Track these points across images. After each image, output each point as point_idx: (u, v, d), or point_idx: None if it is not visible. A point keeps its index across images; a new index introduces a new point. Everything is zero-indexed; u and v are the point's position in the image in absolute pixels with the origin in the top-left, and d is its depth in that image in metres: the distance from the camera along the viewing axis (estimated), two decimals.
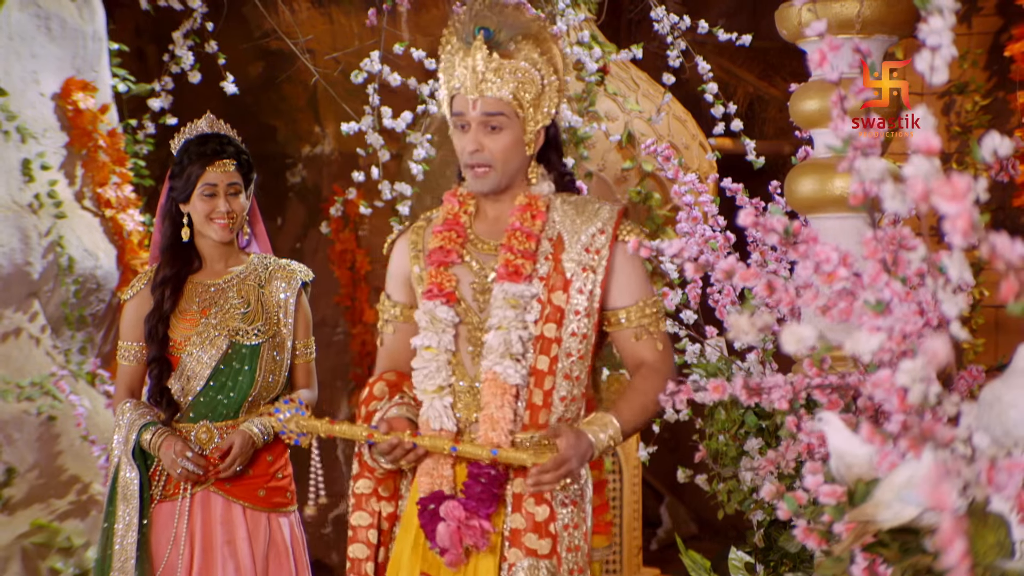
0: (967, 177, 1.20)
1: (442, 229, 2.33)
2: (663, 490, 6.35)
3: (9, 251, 4.36)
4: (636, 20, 5.51)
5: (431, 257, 2.32)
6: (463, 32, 2.25)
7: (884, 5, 2.96)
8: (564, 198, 2.35)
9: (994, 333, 4.69)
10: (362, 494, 2.34)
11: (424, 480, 2.28)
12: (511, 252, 2.27)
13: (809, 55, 1.62)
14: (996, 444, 1.52)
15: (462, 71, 2.25)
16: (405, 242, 2.40)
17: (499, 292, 2.26)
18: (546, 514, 2.25)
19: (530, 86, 2.26)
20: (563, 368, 2.27)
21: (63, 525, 4.27)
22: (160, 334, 2.89)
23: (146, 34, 5.69)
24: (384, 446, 2.22)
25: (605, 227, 2.30)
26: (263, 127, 5.89)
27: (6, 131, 4.41)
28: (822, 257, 1.68)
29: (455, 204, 2.36)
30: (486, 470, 2.24)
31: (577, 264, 2.29)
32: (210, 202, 2.89)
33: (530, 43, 2.26)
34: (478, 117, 2.25)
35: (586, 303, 2.28)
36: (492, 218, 2.35)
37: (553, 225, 2.32)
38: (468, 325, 2.29)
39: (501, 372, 2.23)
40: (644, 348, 2.33)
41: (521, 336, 2.24)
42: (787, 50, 4.42)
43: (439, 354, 2.28)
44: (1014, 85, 4.68)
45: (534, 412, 2.26)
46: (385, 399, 2.32)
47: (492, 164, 2.27)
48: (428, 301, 2.29)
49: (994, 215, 4.69)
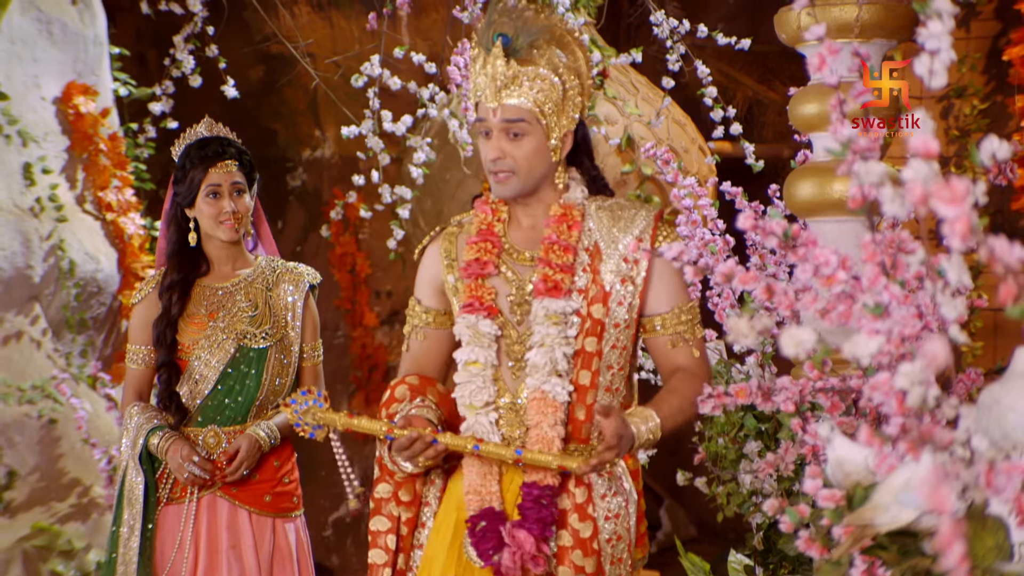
0: (966, 181, 1.19)
1: (477, 240, 2.29)
2: (663, 493, 6.35)
3: (10, 254, 4.37)
4: (635, 24, 5.52)
5: (468, 269, 2.28)
6: (483, 39, 2.23)
7: (883, 9, 2.97)
8: (599, 203, 2.31)
9: (992, 337, 4.70)
10: (381, 498, 2.31)
11: (472, 498, 2.24)
12: (549, 267, 2.24)
13: (808, 59, 1.62)
14: (995, 447, 1.52)
15: (482, 79, 2.23)
16: (437, 249, 2.37)
17: (540, 308, 2.23)
18: (590, 530, 2.23)
19: (551, 92, 2.22)
20: (604, 382, 2.25)
21: (64, 528, 4.27)
22: (168, 339, 2.90)
23: (147, 38, 5.70)
24: (403, 440, 2.18)
25: (643, 235, 2.27)
26: (263, 131, 5.90)
27: (7, 135, 4.42)
28: (821, 260, 1.68)
29: (488, 213, 2.32)
30: (544, 491, 2.21)
31: (616, 275, 2.26)
32: (215, 203, 2.89)
33: (550, 48, 2.23)
34: (499, 124, 2.22)
35: (626, 315, 2.26)
36: (526, 226, 2.31)
37: (590, 234, 2.28)
38: (506, 339, 2.26)
39: (550, 391, 2.21)
40: (680, 355, 2.30)
41: (565, 353, 2.22)
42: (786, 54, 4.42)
43: (484, 369, 2.25)
44: (1012, 89, 4.68)
45: (576, 427, 2.24)
46: (406, 401, 2.28)
47: (515, 170, 2.24)
48: (470, 315, 2.26)
49: (993, 219, 4.69)
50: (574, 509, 2.23)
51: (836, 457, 1.58)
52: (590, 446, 2.24)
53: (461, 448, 2.20)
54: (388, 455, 2.26)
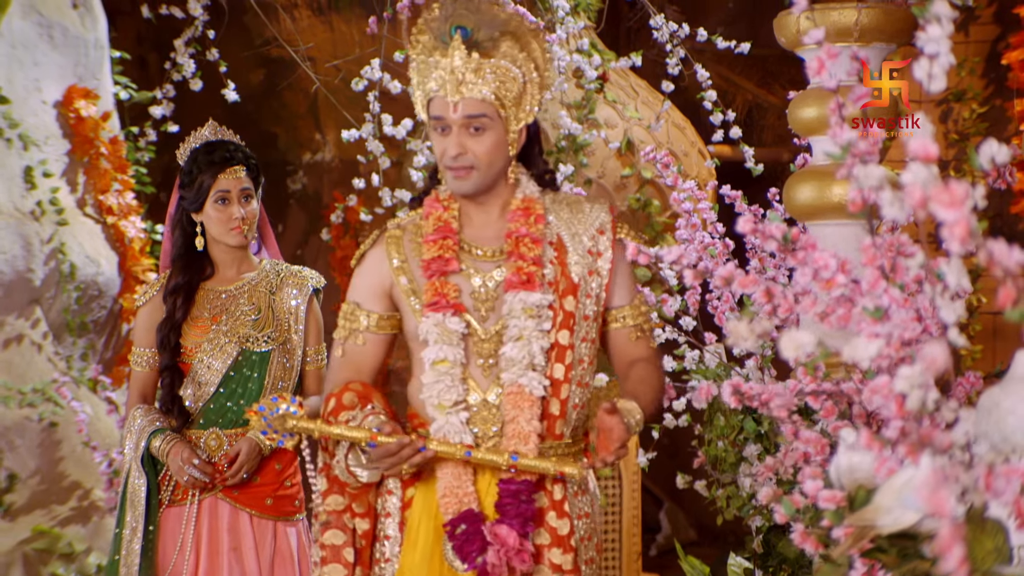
0: (965, 184, 1.19)
1: (436, 237, 2.24)
2: (662, 496, 6.35)
3: (11, 258, 4.37)
4: (635, 28, 5.53)
5: (430, 267, 2.22)
6: (439, 32, 2.18)
7: (882, 13, 2.97)
8: (553, 198, 2.29)
9: (992, 340, 4.70)
10: (334, 511, 2.22)
11: (449, 500, 2.18)
12: (521, 259, 2.20)
13: (807, 63, 1.62)
14: (994, 450, 1.52)
15: (440, 73, 2.17)
16: (381, 252, 2.29)
17: (516, 302, 2.19)
18: (567, 528, 2.21)
19: (511, 84, 2.18)
20: (576, 375, 2.23)
21: (64, 531, 4.28)
22: (172, 343, 2.90)
23: (148, 42, 5.71)
24: (392, 447, 2.11)
25: (604, 228, 2.26)
26: (264, 134, 5.91)
27: (8, 139, 4.43)
28: (820, 264, 1.68)
29: (441, 209, 2.27)
30: (522, 487, 2.17)
31: (583, 267, 2.24)
32: (225, 209, 2.89)
33: (509, 40, 2.18)
34: (460, 120, 2.17)
35: (594, 307, 2.25)
36: (479, 223, 2.27)
37: (551, 227, 2.26)
38: (473, 337, 2.22)
39: (527, 384, 2.17)
40: (640, 347, 2.30)
41: (542, 346, 2.19)
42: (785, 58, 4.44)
43: (453, 367, 2.19)
44: (1011, 93, 4.69)
45: (551, 423, 2.21)
46: (356, 409, 2.19)
47: (475, 166, 2.19)
48: (435, 313, 2.20)
49: (992, 222, 4.70)
50: (551, 506, 2.20)
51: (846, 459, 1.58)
52: (563, 442, 2.22)
53: (451, 455, 2.15)
54: (344, 464, 2.19)
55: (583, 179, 4.57)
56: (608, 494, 4.72)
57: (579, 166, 4.57)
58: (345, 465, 2.19)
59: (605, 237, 2.25)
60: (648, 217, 4.67)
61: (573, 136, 4.57)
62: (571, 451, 2.25)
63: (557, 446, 2.21)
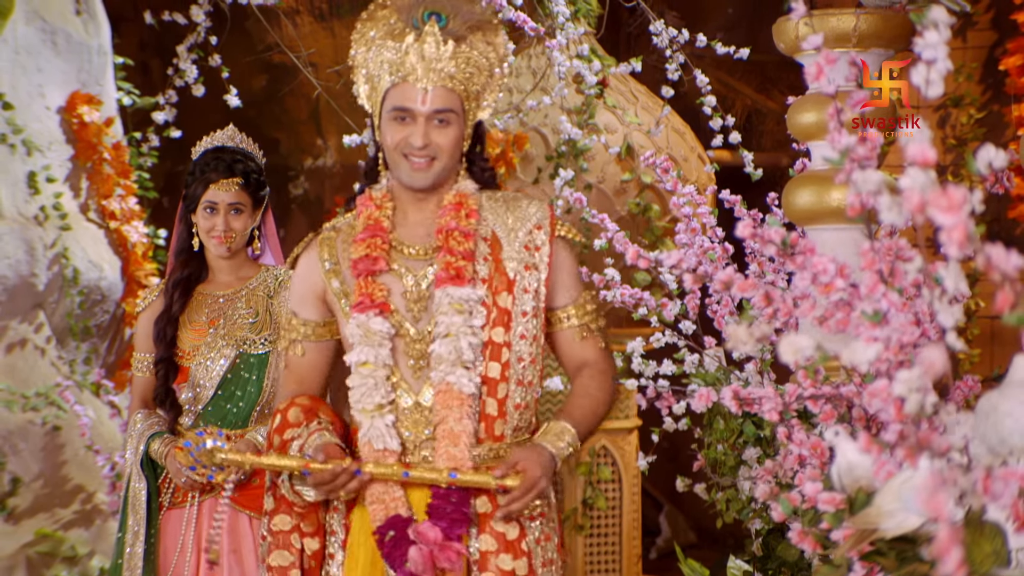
0: (963, 189, 1.19)
1: (365, 236, 2.14)
2: (662, 499, 6.36)
3: (15, 263, 4.39)
4: (635, 34, 5.55)
5: (357, 267, 2.13)
6: (408, 17, 2.10)
7: (880, 19, 2.98)
8: (489, 195, 2.20)
9: (990, 344, 4.72)
10: (280, 531, 2.13)
11: (377, 507, 2.09)
12: (451, 254, 2.11)
13: (806, 68, 1.64)
14: (992, 453, 1.52)
15: (411, 59, 2.08)
16: (313, 256, 2.21)
17: (443, 297, 2.10)
18: (516, 532, 2.11)
19: (478, 77, 2.12)
20: (515, 374, 2.13)
21: (67, 534, 4.29)
22: (169, 336, 2.92)
23: (150, 48, 5.73)
24: (326, 475, 2.02)
25: (542, 223, 2.18)
26: (266, 139, 5.90)
27: (12, 144, 4.45)
28: (819, 268, 1.70)
29: (373, 208, 2.17)
30: (454, 491, 2.07)
31: (519, 263, 2.15)
32: (210, 219, 2.93)
33: (479, 33, 2.12)
34: (427, 112, 2.09)
35: (533, 303, 2.15)
36: (414, 221, 2.18)
37: (486, 224, 2.17)
38: (404, 338, 2.13)
39: (455, 382, 2.07)
40: (588, 348, 2.22)
41: (471, 343, 2.09)
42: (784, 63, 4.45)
43: (376, 369, 2.09)
44: (1009, 98, 4.71)
45: (489, 423, 2.12)
46: (302, 426, 2.11)
47: (437, 157, 2.12)
48: (359, 314, 2.11)
49: (990, 227, 4.71)
50: (495, 509, 2.09)
51: (846, 461, 1.59)
52: (505, 443, 2.14)
53: (388, 476, 2.06)
54: (288, 483, 2.11)
55: (583, 184, 4.58)
56: (608, 497, 4.73)
57: (579, 171, 4.59)
58: (290, 484, 2.11)
59: (543, 232, 2.17)
60: (648, 222, 4.69)
61: (573, 141, 4.58)
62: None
63: (498, 447, 2.13)
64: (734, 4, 6.25)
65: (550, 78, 4.58)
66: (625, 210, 4.65)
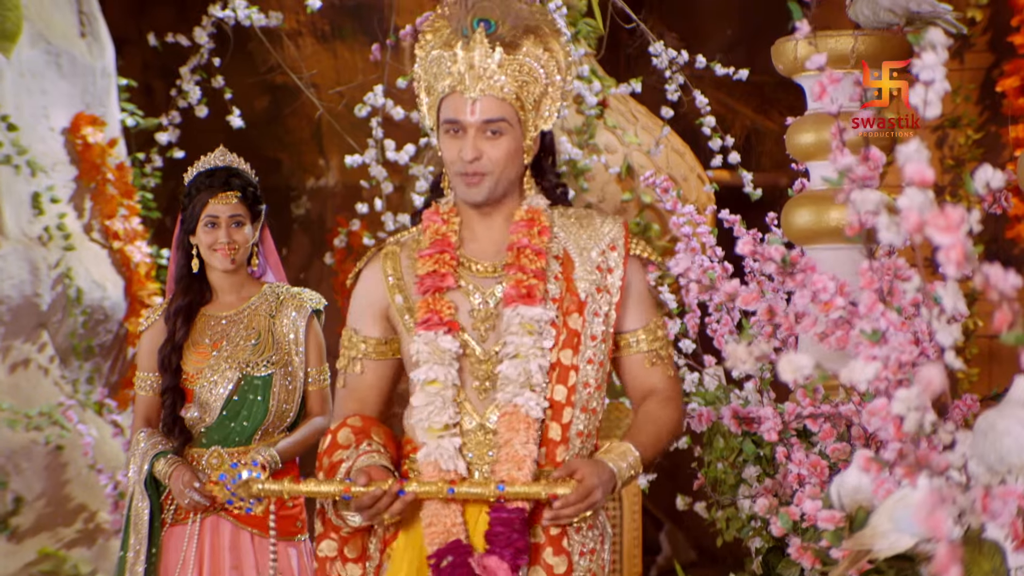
0: (960, 209, 1.19)
1: (432, 252, 2.05)
2: (662, 517, 6.36)
3: (19, 282, 4.40)
4: (635, 55, 5.57)
5: (425, 283, 2.04)
6: (459, 24, 2.01)
7: (878, 41, 3.00)
8: (561, 211, 2.11)
9: (988, 363, 4.73)
10: (326, 557, 2.07)
11: (433, 531, 1.99)
12: (522, 272, 2.02)
13: (809, 88, 1.65)
14: (991, 472, 1.51)
15: (459, 68, 2.00)
16: (377, 271, 2.12)
17: (513, 317, 2.01)
18: (564, 566, 2.03)
19: (533, 85, 2.02)
20: (580, 399, 2.04)
21: (70, 553, 4.29)
22: (173, 364, 2.93)
23: (154, 70, 5.76)
24: (366, 499, 1.93)
25: (615, 243, 2.08)
26: (268, 160, 5.94)
27: (17, 165, 4.47)
28: (819, 286, 1.71)
29: (440, 223, 2.08)
30: (514, 515, 1.97)
31: (590, 284, 2.06)
32: (212, 233, 2.93)
33: (532, 38, 2.02)
34: (477, 123, 2.00)
35: (602, 327, 2.06)
36: (483, 237, 2.09)
37: (558, 241, 2.08)
38: (470, 358, 2.04)
39: (523, 404, 1.98)
40: (656, 374, 2.12)
41: (541, 364, 2.00)
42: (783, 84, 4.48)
43: (444, 389, 2.00)
44: (1006, 119, 4.74)
45: (551, 448, 2.02)
46: (352, 447, 2.03)
47: (489, 172, 2.02)
48: (427, 331, 2.02)
49: (987, 246, 4.73)
50: (548, 543, 2.02)
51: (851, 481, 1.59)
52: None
53: (433, 495, 1.97)
54: (334, 510, 2.03)
55: (583, 204, 4.61)
56: (609, 516, 4.74)
57: (580, 191, 4.61)
58: (334, 510, 2.04)
59: (616, 253, 2.08)
60: (648, 241, 4.71)
61: (574, 161, 4.61)
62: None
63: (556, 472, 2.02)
64: (733, 26, 6.28)
65: None
66: None
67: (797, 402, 2.11)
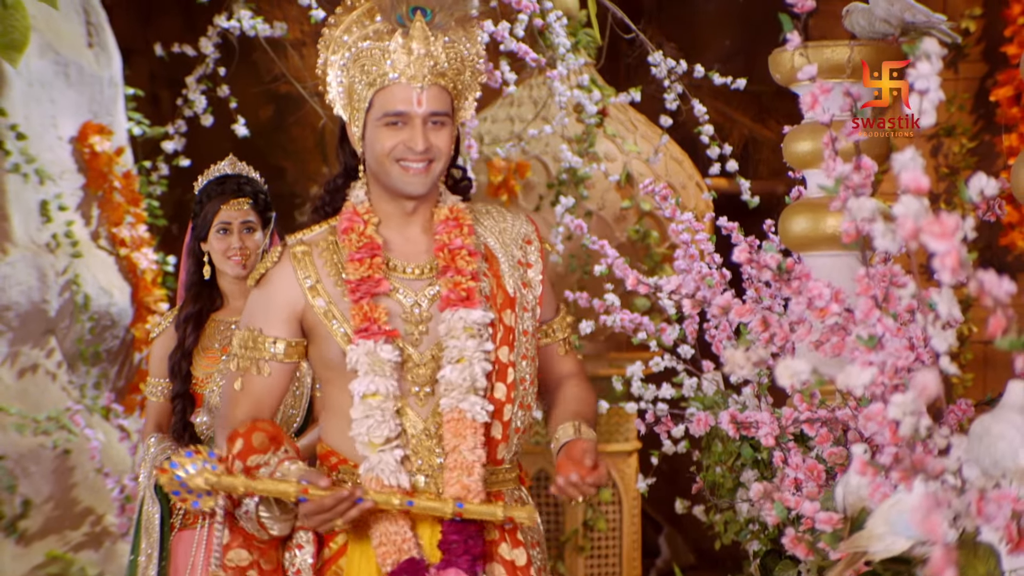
0: (955, 217, 1.21)
1: (363, 255, 1.97)
2: (661, 521, 6.38)
3: (27, 289, 4.43)
4: (634, 64, 5.60)
5: (358, 288, 1.95)
6: (392, 14, 1.94)
7: (873, 51, 3.03)
8: (472, 207, 2.08)
9: (983, 368, 4.76)
10: (237, 567, 1.96)
11: (386, 550, 1.94)
12: (459, 274, 1.97)
13: (801, 98, 1.67)
14: (985, 475, 1.54)
15: (400, 57, 1.92)
16: (289, 272, 2.00)
17: (456, 320, 1.95)
18: (524, 558, 2.01)
19: (464, 75, 1.99)
20: (519, 396, 2.02)
21: (77, 556, 4.31)
22: (183, 370, 2.95)
23: (160, 79, 5.79)
24: (327, 501, 1.85)
25: (530, 237, 2.09)
26: (272, 168, 5.98)
27: (25, 173, 4.50)
28: (815, 292, 1.74)
29: (361, 223, 1.99)
30: (467, 522, 1.94)
31: (515, 279, 2.04)
32: (224, 239, 2.96)
33: (461, 28, 1.99)
34: (424, 113, 1.93)
35: (531, 321, 2.05)
36: (406, 237, 2.02)
37: (480, 238, 2.04)
38: (407, 364, 1.97)
39: (468, 409, 1.94)
40: (570, 361, 2.15)
41: (484, 368, 1.96)
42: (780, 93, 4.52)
43: (385, 401, 1.93)
44: (999, 128, 4.77)
45: (492, 447, 1.99)
46: (269, 452, 1.93)
47: (436, 159, 1.96)
48: (366, 341, 1.93)
49: (982, 253, 4.77)
50: (502, 537, 2.00)
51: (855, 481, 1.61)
52: (503, 468, 2.02)
53: (391, 506, 1.90)
54: (254, 516, 1.93)
55: (584, 211, 4.64)
56: (608, 519, 4.77)
57: (580, 198, 4.65)
58: (256, 516, 1.93)
59: (533, 247, 2.08)
60: (647, 248, 4.74)
61: (574, 169, 4.64)
62: (510, 477, 2.05)
63: (496, 471, 2.01)
64: (731, 35, 6.31)
65: (551, 107, 4.64)
66: (625, 237, 4.71)
67: (794, 407, 2.14)
